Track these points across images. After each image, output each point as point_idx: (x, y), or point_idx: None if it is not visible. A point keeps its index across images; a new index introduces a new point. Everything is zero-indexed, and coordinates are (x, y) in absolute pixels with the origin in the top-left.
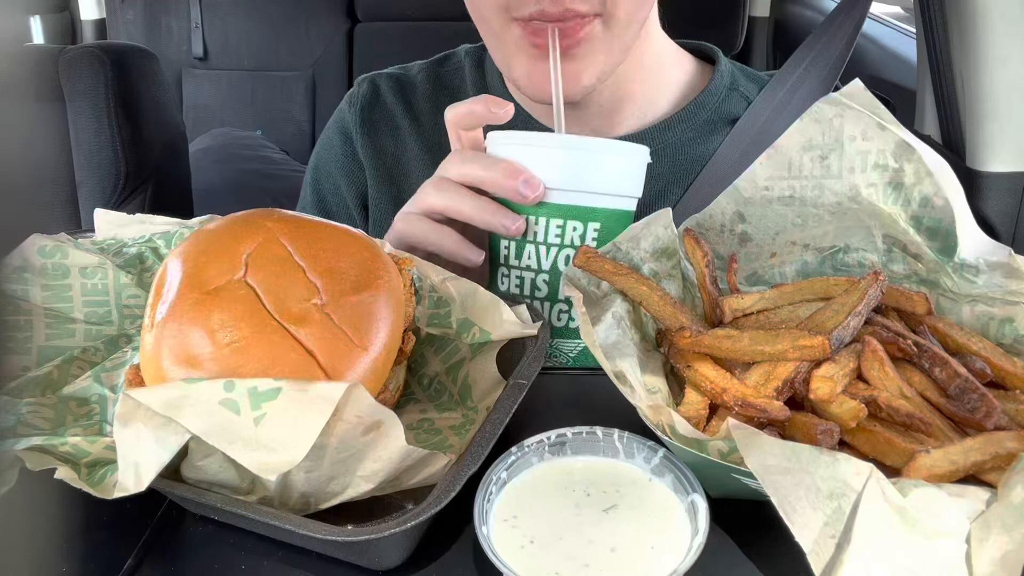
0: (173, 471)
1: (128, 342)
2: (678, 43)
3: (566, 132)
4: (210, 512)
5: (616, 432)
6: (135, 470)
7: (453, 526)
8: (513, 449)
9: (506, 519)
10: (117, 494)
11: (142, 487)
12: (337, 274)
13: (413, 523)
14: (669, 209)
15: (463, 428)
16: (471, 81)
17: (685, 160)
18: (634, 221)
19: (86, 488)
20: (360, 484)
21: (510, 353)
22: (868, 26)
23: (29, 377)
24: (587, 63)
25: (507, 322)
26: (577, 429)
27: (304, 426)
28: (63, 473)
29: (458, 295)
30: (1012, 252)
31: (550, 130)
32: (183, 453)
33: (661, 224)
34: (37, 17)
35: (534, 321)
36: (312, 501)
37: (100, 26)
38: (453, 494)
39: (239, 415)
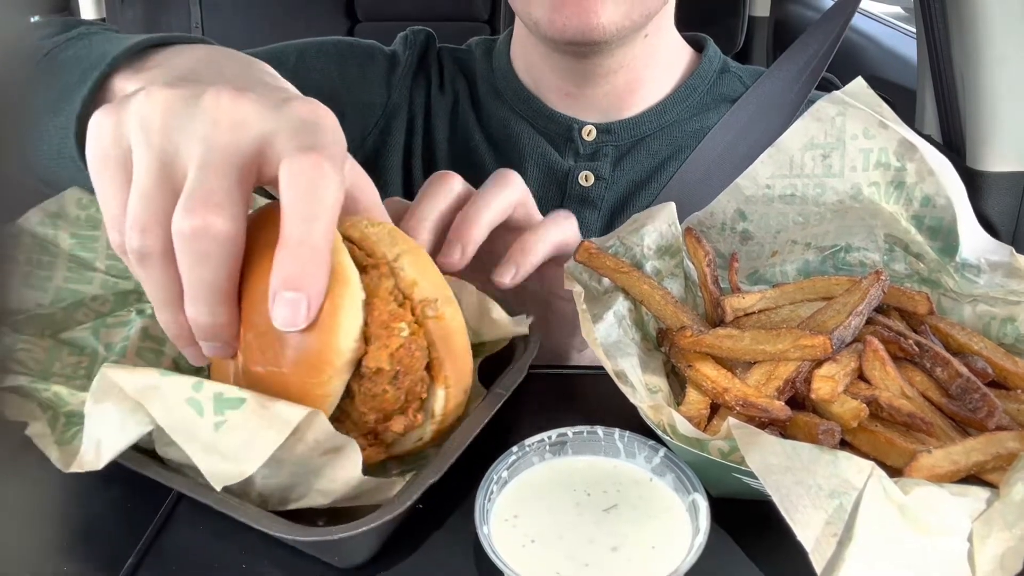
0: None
1: (138, 299)
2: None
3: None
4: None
5: (617, 432)
6: (96, 448)
7: (454, 526)
8: (514, 449)
9: (507, 519)
10: (73, 469)
11: (97, 467)
12: None
13: (365, 528)
14: (672, 204)
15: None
16: (480, 68)
17: (681, 136)
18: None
19: (51, 448)
20: (317, 497)
21: (509, 352)
22: (868, 26)
23: (34, 314)
24: (608, 1)
25: (497, 321)
26: (578, 429)
27: (260, 442)
28: (34, 430)
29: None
30: (1014, 251)
31: (556, 112)
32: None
33: (665, 221)
34: (37, 17)
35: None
36: (269, 503)
37: None
38: (409, 503)
39: (202, 417)
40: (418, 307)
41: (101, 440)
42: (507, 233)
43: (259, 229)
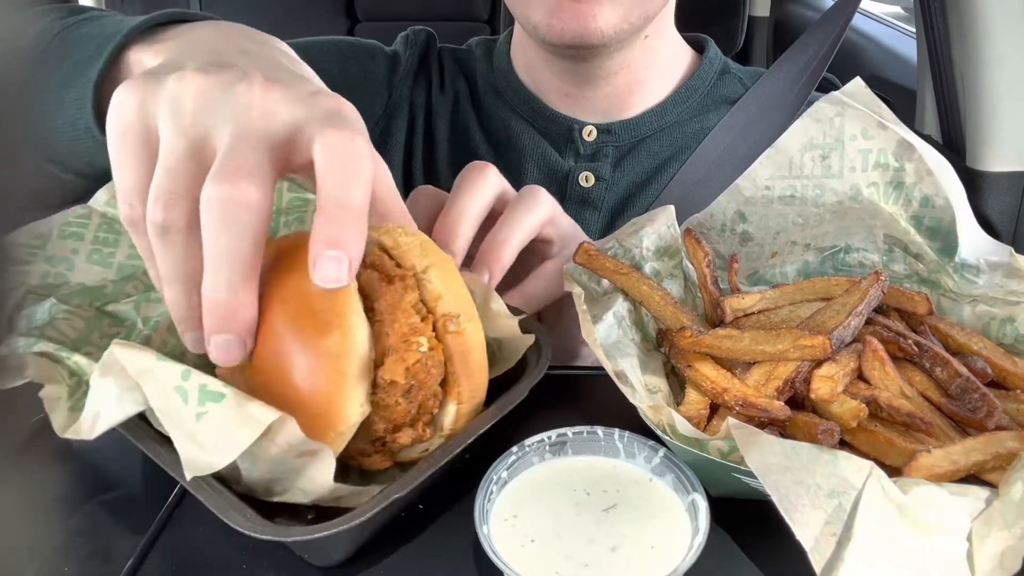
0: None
1: None
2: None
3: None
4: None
5: (617, 432)
6: (94, 419)
7: (453, 526)
8: (514, 449)
9: (506, 518)
10: (68, 435)
11: (90, 437)
12: None
13: (324, 533)
14: (671, 207)
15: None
16: (480, 68)
17: (681, 137)
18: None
19: (59, 411)
20: (298, 495)
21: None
22: (868, 26)
23: (87, 286)
24: (606, 5)
25: (495, 312)
26: (578, 429)
27: (233, 437)
28: (49, 392)
29: None
30: (1013, 252)
31: (557, 113)
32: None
33: (664, 223)
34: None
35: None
36: (256, 493)
37: None
38: (369, 515)
39: (186, 405)
40: (440, 321)
41: (100, 413)
42: (538, 244)
43: (271, 270)
